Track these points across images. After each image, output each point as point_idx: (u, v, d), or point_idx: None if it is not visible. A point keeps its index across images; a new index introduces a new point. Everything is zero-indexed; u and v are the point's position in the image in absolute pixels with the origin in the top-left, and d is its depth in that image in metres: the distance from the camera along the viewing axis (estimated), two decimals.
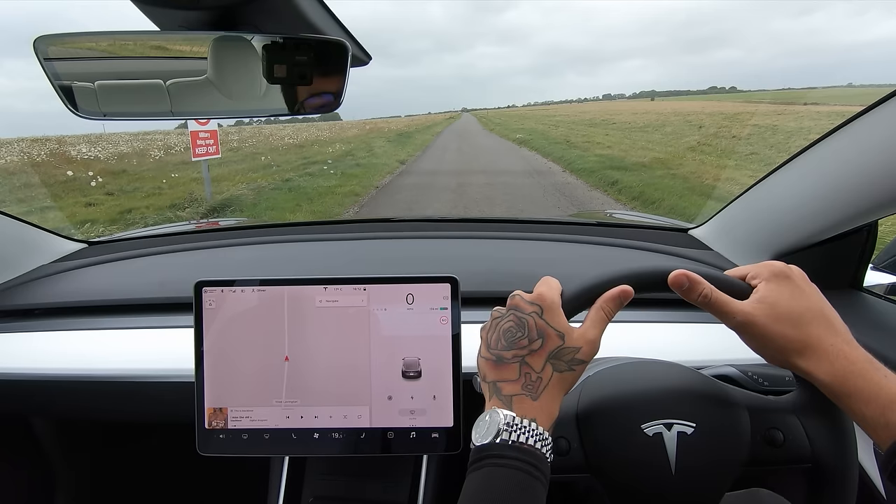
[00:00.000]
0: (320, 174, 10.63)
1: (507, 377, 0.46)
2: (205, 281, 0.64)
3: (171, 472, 1.10)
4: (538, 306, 0.47)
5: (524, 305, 0.48)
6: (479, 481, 0.42)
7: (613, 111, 39.50)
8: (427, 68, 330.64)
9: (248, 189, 8.72)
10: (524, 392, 0.45)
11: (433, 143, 20.55)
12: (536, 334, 0.46)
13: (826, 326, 0.45)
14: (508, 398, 0.45)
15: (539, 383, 0.45)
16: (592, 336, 0.47)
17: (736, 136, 14.81)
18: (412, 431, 0.63)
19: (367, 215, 5.99)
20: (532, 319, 0.47)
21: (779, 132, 13.39)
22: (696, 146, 12.94)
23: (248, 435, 0.64)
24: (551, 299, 0.48)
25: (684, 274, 0.48)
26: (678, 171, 9.23)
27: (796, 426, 0.49)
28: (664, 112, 30.81)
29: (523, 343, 0.46)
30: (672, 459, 0.48)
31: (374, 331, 0.63)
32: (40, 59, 0.53)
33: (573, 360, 0.46)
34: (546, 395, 0.45)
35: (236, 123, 49.65)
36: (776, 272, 0.47)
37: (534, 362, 0.46)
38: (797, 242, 0.81)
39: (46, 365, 0.81)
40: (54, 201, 7.83)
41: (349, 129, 34.32)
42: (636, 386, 0.53)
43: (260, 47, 0.54)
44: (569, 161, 11.21)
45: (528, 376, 0.45)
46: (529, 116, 45.95)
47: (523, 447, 0.42)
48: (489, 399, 0.47)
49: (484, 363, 0.48)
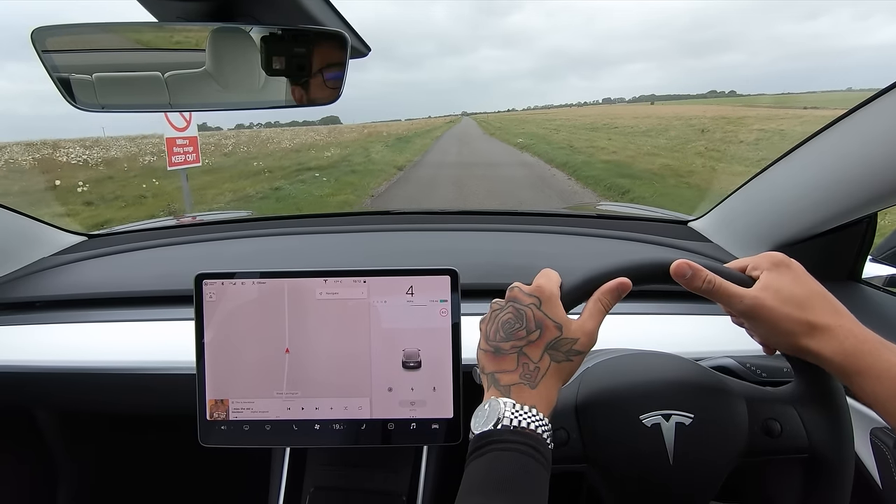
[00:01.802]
0: (312, 181, 10.33)
1: (505, 368, 0.46)
2: (205, 273, 0.64)
3: (172, 463, 1.11)
4: (536, 298, 0.47)
5: (522, 297, 0.48)
6: (484, 465, 0.42)
7: (613, 115, 38.79)
8: (429, 72, 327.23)
9: (234, 198, 8.41)
10: (522, 381, 0.45)
11: (433, 147, 20.04)
12: (534, 325, 0.46)
13: (831, 309, 0.45)
14: (507, 388, 0.45)
15: (537, 373, 0.45)
16: (590, 327, 0.47)
17: (743, 141, 14.59)
18: (412, 423, 0.64)
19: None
20: (530, 311, 0.47)
21: (787, 137, 13.12)
22: (704, 151, 12.69)
23: (250, 426, 0.64)
24: (550, 291, 0.48)
25: (686, 263, 0.48)
26: (691, 179, 8.97)
27: (793, 416, 0.50)
28: (665, 116, 30.36)
29: (521, 334, 0.46)
30: (670, 450, 0.49)
31: (375, 323, 0.64)
32: (38, 52, 0.53)
33: (571, 351, 0.46)
34: (544, 383, 0.45)
35: (236, 127, 49.10)
36: (776, 261, 0.47)
37: (531, 353, 0.46)
38: (797, 234, 0.81)
39: (47, 357, 0.82)
40: (31, 210, 7.53)
41: (347, 133, 33.24)
42: (635, 377, 0.53)
43: (258, 39, 0.54)
44: (574, 167, 10.86)
45: (526, 366, 0.46)
46: (529, 120, 45.17)
47: (526, 432, 0.43)
48: (487, 390, 0.47)
49: (483, 355, 0.49)
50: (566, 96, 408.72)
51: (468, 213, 1.23)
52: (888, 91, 0.61)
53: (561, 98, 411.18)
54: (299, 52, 0.55)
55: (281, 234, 1.16)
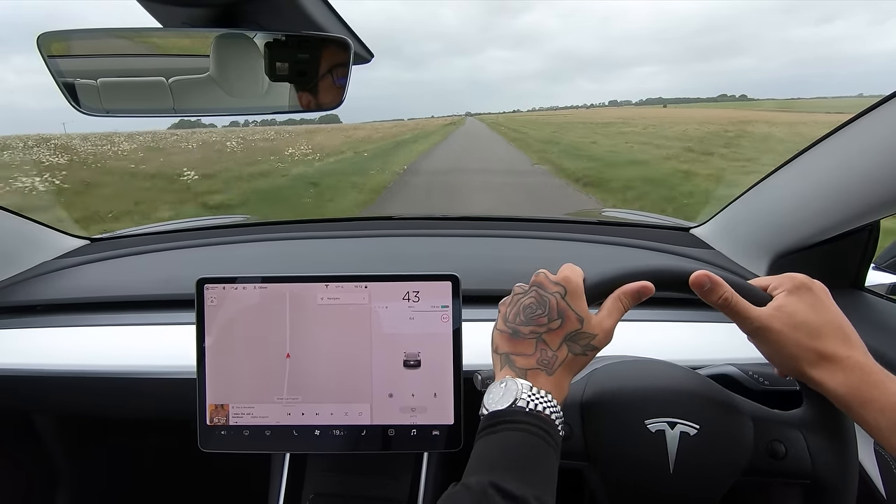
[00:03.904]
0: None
1: (523, 351, 0.46)
2: (207, 278, 0.64)
3: (172, 468, 1.11)
4: (562, 287, 0.48)
5: (548, 284, 0.48)
6: (497, 443, 0.42)
7: (651, 117, 34.64)
8: (436, 72, 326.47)
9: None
10: (539, 367, 0.45)
11: (430, 152, 16.24)
12: (557, 314, 0.47)
13: (843, 340, 0.44)
14: (523, 370, 0.45)
15: (554, 360, 0.46)
16: (608, 325, 0.47)
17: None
18: (413, 429, 0.63)
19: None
20: (555, 299, 0.47)
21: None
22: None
23: (250, 431, 0.64)
24: (576, 283, 0.48)
25: (706, 275, 0.48)
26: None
27: (799, 441, 0.49)
28: (685, 120, 28.01)
29: (542, 321, 0.47)
30: (671, 458, 0.48)
31: (376, 328, 0.64)
32: (44, 56, 0.53)
33: (588, 346, 0.46)
34: (560, 372, 0.46)
35: (231, 124, 45.68)
36: (798, 284, 0.47)
37: (550, 340, 0.46)
38: (799, 242, 0.81)
39: (49, 361, 0.82)
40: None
41: (336, 136, 26.26)
42: (644, 382, 0.53)
43: (262, 44, 0.55)
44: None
45: (544, 352, 0.46)
46: (545, 122, 41.43)
47: (541, 415, 0.43)
48: (500, 369, 0.47)
49: (498, 335, 0.49)
50: (572, 98, 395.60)
51: (470, 218, 1.23)
52: (890, 99, 0.61)
53: (566, 100, 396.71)
54: (303, 58, 0.55)
55: (282, 239, 1.16)
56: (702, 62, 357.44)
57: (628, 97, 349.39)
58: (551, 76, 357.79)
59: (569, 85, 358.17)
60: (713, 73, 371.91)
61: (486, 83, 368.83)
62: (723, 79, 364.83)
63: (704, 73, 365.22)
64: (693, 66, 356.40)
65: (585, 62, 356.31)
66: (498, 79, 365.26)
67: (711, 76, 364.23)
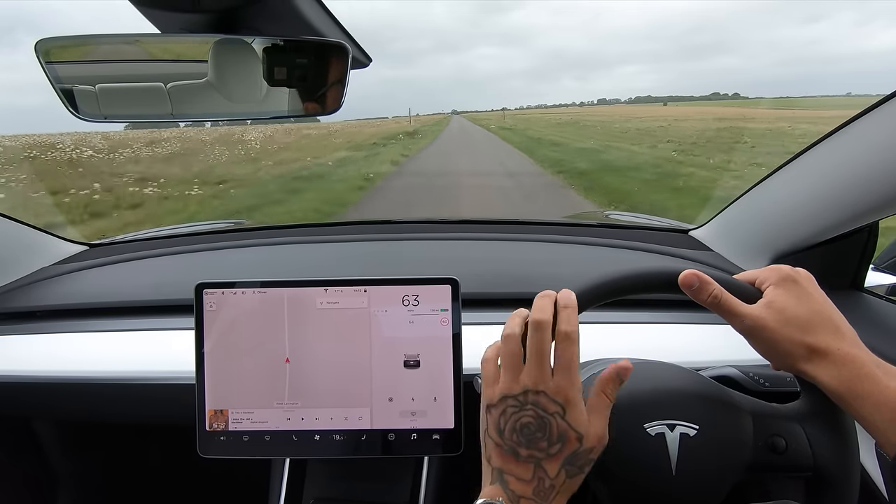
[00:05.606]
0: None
1: (519, 475, 0.44)
2: (205, 283, 0.64)
3: (171, 473, 1.10)
4: (561, 407, 0.44)
5: (547, 404, 0.44)
6: None
7: (659, 116, 32.82)
8: (424, 69, 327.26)
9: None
10: (535, 497, 0.43)
11: (416, 156, 14.58)
12: (556, 438, 0.44)
13: (833, 331, 0.44)
14: (516, 497, 0.44)
15: (551, 490, 0.44)
16: (601, 430, 0.45)
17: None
18: (413, 433, 0.63)
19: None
20: (555, 421, 0.44)
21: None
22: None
23: (249, 437, 0.63)
24: (574, 395, 0.45)
25: (695, 274, 0.47)
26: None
27: (799, 434, 0.49)
28: (694, 118, 26.64)
29: (542, 445, 0.44)
30: (673, 460, 0.48)
31: (375, 332, 0.63)
32: (41, 62, 0.53)
33: (586, 461, 0.45)
34: (555, 502, 0.44)
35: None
36: (784, 276, 0.47)
37: (549, 467, 0.44)
38: (798, 243, 0.81)
39: (48, 367, 0.81)
40: None
41: (309, 136, 22.86)
42: (641, 385, 0.53)
43: (260, 50, 0.55)
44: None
45: (542, 481, 0.44)
46: (535, 119, 39.72)
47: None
48: (490, 483, 0.45)
49: (493, 446, 0.46)
50: (559, 96, 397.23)
51: (469, 221, 1.23)
52: (889, 99, 0.61)
53: (554, 98, 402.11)
54: (301, 63, 0.55)
55: (281, 244, 1.16)
56: (689, 61, 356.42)
57: (616, 95, 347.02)
58: (538, 74, 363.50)
59: (555, 83, 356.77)
60: (700, 73, 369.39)
61: (474, 81, 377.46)
62: (710, 78, 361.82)
63: (692, 73, 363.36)
64: (679, 66, 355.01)
65: (573, 60, 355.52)
66: (486, 76, 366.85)
67: (700, 75, 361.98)
